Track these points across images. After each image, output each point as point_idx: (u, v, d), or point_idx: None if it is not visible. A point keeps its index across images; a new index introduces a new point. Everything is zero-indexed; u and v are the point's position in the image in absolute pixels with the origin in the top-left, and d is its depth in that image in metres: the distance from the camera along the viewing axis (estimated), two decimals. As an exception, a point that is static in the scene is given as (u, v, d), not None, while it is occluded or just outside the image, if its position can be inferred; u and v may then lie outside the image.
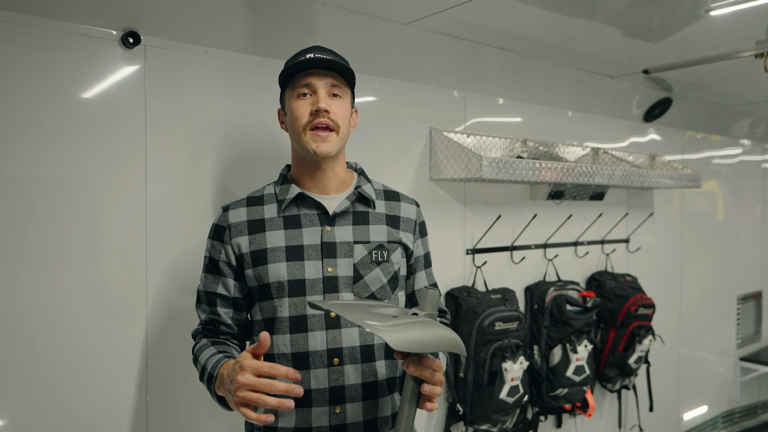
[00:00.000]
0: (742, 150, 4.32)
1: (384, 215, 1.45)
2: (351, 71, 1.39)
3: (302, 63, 1.34)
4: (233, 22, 1.77)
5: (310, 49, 1.39)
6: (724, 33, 2.37)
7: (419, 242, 1.51)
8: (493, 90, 2.57)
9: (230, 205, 1.43)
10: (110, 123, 1.59)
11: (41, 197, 1.49)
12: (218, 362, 1.27)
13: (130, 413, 1.64)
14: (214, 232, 1.42)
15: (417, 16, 2.02)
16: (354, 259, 1.37)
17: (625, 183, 2.75)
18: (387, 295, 1.41)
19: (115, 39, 1.59)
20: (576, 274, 2.99)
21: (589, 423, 3.07)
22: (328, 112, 1.33)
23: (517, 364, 2.27)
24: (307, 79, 1.35)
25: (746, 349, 4.37)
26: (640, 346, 2.84)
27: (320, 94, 1.34)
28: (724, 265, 4.16)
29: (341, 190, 1.44)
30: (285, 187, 1.42)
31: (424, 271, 1.54)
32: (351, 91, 1.44)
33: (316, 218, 1.38)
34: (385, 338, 1.02)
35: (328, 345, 1.33)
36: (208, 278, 1.41)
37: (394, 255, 1.42)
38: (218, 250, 1.39)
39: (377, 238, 1.41)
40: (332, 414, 1.33)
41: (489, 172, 2.14)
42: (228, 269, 1.39)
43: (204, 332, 1.43)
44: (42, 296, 1.50)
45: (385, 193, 1.50)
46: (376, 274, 1.39)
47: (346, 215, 1.40)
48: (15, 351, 1.47)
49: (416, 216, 1.51)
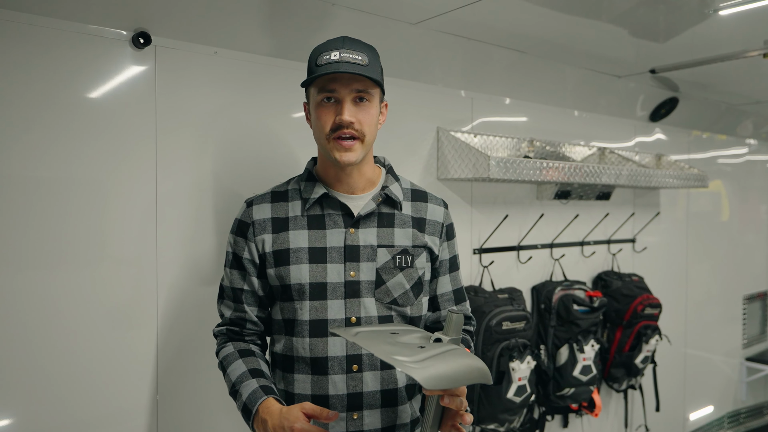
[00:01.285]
0: (747, 150, 4.31)
1: (410, 217, 1.41)
2: (378, 70, 1.33)
3: (327, 68, 1.26)
4: (243, 22, 1.78)
5: (335, 45, 1.30)
6: (730, 32, 2.36)
7: (445, 245, 1.47)
8: (499, 90, 2.57)
9: (254, 200, 1.40)
10: (121, 123, 1.59)
11: (52, 196, 1.50)
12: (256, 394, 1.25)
13: (140, 412, 1.65)
14: (237, 228, 1.40)
15: (425, 16, 2.02)
16: (377, 263, 1.34)
17: (632, 183, 2.75)
18: (410, 301, 1.38)
19: (126, 39, 1.60)
20: (582, 273, 2.98)
21: (596, 423, 3.06)
22: (352, 123, 1.28)
23: (525, 363, 2.27)
24: (331, 84, 1.28)
25: (752, 349, 4.36)
26: (646, 346, 2.84)
27: (345, 104, 1.28)
28: (730, 265, 4.15)
29: (368, 189, 1.40)
30: (310, 185, 1.39)
31: (449, 275, 1.49)
32: (381, 89, 1.35)
33: (341, 220, 1.36)
34: (417, 377, 1.00)
35: (347, 351, 1.32)
36: (233, 274, 1.39)
37: (419, 260, 1.39)
38: (242, 247, 1.38)
39: (402, 243, 1.37)
40: (350, 420, 1.32)
41: (497, 172, 2.14)
42: (252, 267, 1.38)
43: (228, 333, 1.41)
44: (53, 295, 1.51)
45: (412, 192, 1.46)
46: (399, 279, 1.36)
47: (371, 217, 1.37)
48: (25, 351, 1.47)
49: (443, 218, 1.47)
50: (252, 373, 1.31)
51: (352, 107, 1.29)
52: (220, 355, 1.39)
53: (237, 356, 1.35)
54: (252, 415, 1.24)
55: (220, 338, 1.43)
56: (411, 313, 1.39)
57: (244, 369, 1.32)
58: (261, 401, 1.23)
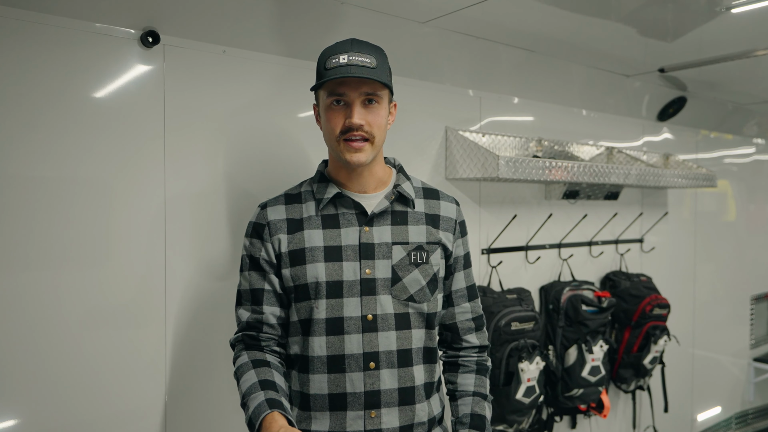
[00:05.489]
0: (755, 149, 4.29)
1: (423, 214, 1.42)
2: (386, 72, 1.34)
3: (336, 72, 1.27)
4: (251, 21, 1.77)
5: (343, 48, 1.31)
6: (739, 31, 2.35)
7: (459, 242, 1.48)
8: (508, 89, 2.56)
9: (268, 203, 1.42)
10: (129, 122, 1.59)
11: (59, 196, 1.49)
12: (260, 408, 1.22)
13: (148, 413, 1.64)
14: (253, 230, 1.40)
15: (434, 14, 2.02)
16: (392, 260, 1.35)
17: (641, 182, 2.73)
18: (426, 298, 1.38)
19: (135, 38, 1.59)
20: (591, 274, 2.97)
21: (604, 424, 3.05)
22: (362, 125, 1.30)
23: (534, 364, 2.26)
24: (340, 88, 1.30)
25: (760, 350, 4.34)
26: (655, 346, 2.82)
27: (355, 107, 1.30)
28: (737, 266, 4.13)
29: (379, 189, 1.42)
30: (322, 186, 1.40)
31: (463, 271, 1.50)
32: (389, 89, 1.37)
33: (354, 218, 1.37)
34: None
35: (364, 348, 1.32)
36: (252, 276, 1.39)
37: (434, 256, 1.39)
38: (258, 248, 1.38)
39: (416, 239, 1.38)
40: (367, 419, 1.32)
41: (506, 172, 2.13)
42: (269, 267, 1.37)
43: (245, 340, 1.39)
44: (60, 296, 1.50)
45: (424, 191, 1.47)
46: (415, 276, 1.36)
47: (385, 215, 1.38)
48: (32, 352, 1.47)
49: (456, 215, 1.48)
50: (262, 384, 1.28)
51: (361, 110, 1.30)
52: (235, 365, 1.37)
53: (250, 366, 1.33)
54: (255, 428, 1.22)
55: (237, 347, 1.41)
56: (428, 310, 1.40)
57: (255, 380, 1.29)
58: (264, 415, 1.21)
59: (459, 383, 1.48)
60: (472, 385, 1.47)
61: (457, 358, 1.51)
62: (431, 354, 1.42)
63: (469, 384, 1.47)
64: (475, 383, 1.48)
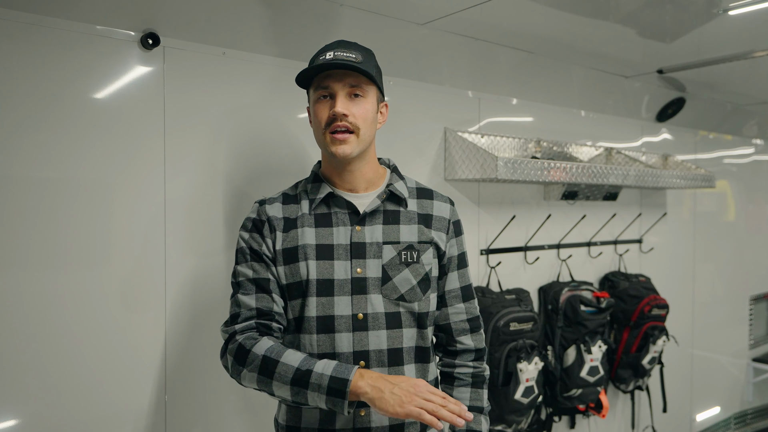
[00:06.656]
0: (754, 150, 4.30)
1: (416, 214, 1.42)
2: (372, 68, 1.36)
3: (319, 66, 1.32)
4: (251, 23, 1.78)
5: (331, 46, 1.36)
6: (738, 32, 2.36)
7: (453, 242, 1.47)
8: (506, 90, 2.57)
9: (266, 200, 1.42)
10: (129, 123, 1.60)
11: (60, 197, 1.50)
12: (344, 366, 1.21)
13: (148, 412, 1.64)
14: (252, 225, 1.39)
15: (433, 16, 2.02)
16: (383, 259, 1.36)
17: (640, 183, 2.74)
18: (417, 297, 1.39)
19: (135, 40, 1.60)
20: (589, 274, 2.98)
21: (603, 424, 3.06)
22: (345, 115, 1.31)
23: (532, 364, 2.27)
24: (326, 81, 1.34)
25: (759, 350, 4.35)
26: (653, 346, 2.83)
27: (338, 97, 1.32)
28: (736, 266, 4.13)
29: (371, 189, 1.42)
30: (316, 186, 1.41)
31: (457, 272, 1.48)
32: (376, 86, 1.38)
33: (347, 217, 1.38)
34: None
35: (354, 347, 1.32)
36: (255, 266, 1.36)
37: (425, 256, 1.40)
38: (258, 241, 1.37)
39: (407, 239, 1.39)
40: (357, 417, 1.32)
41: (504, 173, 2.13)
42: (269, 260, 1.37)
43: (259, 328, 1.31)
44: (60, 296, 1.51)
45: (417, 191, 1.47)
46: (405, 275, 1.37)
47: (377, 215, 1.39)
48: (32, 351, 1.47)
49: (450, 215, 1.47)
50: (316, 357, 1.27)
51: (345, 101, 1.33)
52: (260, 349, 1.25)
53: (285, 348, 1.26)
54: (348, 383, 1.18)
55: (248, 333, 1.30)
56: (419, 309, 1.39)
57: (305, 354, 1.24)
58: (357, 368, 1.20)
59: (455, 398, 1.46)
60: (467, 400, 1.46)
61: (453, 368, 1.49)
62: (424, 353, 1.42)
63: (464, 399, 1.46)
64: (471, 397, 1.47)
